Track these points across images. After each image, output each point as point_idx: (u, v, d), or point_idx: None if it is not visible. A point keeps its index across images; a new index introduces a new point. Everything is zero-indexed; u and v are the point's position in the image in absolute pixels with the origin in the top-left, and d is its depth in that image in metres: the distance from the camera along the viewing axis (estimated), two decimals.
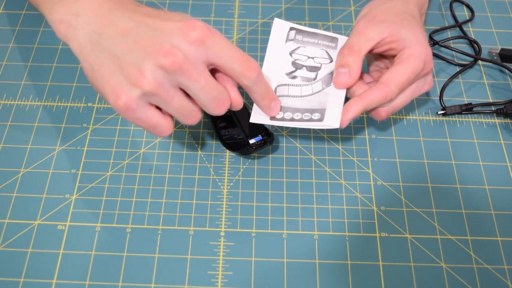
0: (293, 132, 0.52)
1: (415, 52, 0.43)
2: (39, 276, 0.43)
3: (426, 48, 0.44)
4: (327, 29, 0.60)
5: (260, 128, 0.48)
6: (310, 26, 0.60)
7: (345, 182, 0.49)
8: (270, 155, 0.51)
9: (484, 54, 0.59)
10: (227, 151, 0.50)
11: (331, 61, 0.46)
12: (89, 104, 0.53)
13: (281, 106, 0.44)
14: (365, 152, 0.51)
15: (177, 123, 0.52)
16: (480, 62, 0.58)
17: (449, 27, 0.61)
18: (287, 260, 0.45)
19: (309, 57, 0.47)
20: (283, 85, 0.45)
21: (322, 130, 0.52)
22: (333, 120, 0.43)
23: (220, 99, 0.38)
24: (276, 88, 0.45)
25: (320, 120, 0.43)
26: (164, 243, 0.45)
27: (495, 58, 0.58)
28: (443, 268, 0.45)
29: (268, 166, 0.50)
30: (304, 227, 0.46)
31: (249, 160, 0.50)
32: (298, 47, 0.47)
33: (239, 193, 0.48)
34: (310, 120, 0.43)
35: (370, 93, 0.43)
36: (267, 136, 0.47)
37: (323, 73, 0.46)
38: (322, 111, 0.44)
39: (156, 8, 0.42)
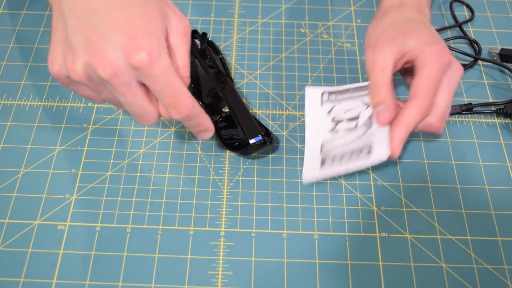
0: (293, 132, 0.52)
1: (426, 56, 0.44)
2: (39, 276, 0.43)
3: (434, 45, 0.44)
4: (327, 29, 0.60)
5: (260, 128, 0.48)
6: (310, 26, 0.61)
7: (345, 182, 0.49)
8: (270, 155, 0.50)
9: (484, 54, 0.59)
10: (227, 151, 0.50)
11: (368, 107, 0.46)
12: (89, 104, 0.53)
13: (329, 157, 0.45)
14: None
15: (177, 123, 0.52)
16: (480, 62, 0.58)
17: (449, 27, 0.61)
18: (287, 260, 0.45)
19: (346, 111, 0.47)
20: (328, 141, 0.46)
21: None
22: (381, 151, 0.43)
23: (143, 117, 0.39)
24: (322, 146, 0.46)
25: (369, 153, 0.44)
26: (164, 243, 0.45)
27: (495, 58, 0.58)
28: (443, 268, 0.45)
29: (268, 166, 0.50)
30: (304, 227, 0.46)
31: (249, 160, 0.50)
32: (334, 106, 0.47)
33: (239, 193, 0.48)
34: (359, 158, 0.44)
35: (404, 112, 0.43)
36: (267, 136, 0.47)
37: (362, 119, 0.46)
38: (369, 147, 0.44)
39: None
